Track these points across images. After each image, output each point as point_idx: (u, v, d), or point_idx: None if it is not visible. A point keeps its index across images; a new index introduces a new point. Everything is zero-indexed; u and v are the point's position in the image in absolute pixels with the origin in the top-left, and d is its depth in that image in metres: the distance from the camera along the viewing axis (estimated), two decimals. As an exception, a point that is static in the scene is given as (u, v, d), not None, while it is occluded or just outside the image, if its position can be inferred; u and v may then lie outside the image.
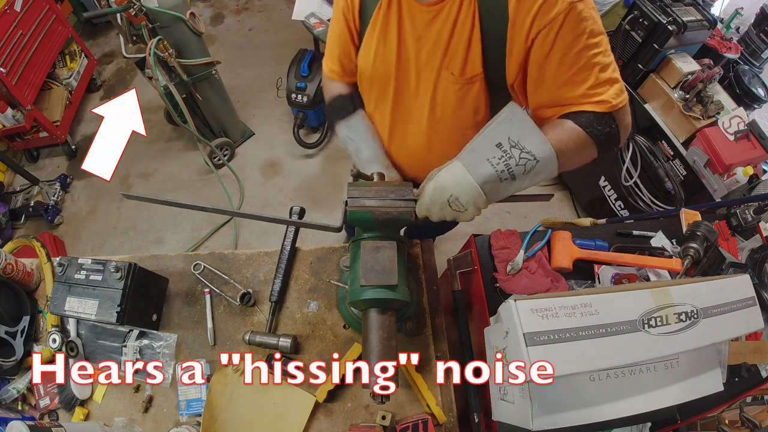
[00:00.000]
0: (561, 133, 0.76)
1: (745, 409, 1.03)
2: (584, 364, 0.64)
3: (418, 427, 0.88)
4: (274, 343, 1.02)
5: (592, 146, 0.79)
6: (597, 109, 0.77)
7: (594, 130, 0.77)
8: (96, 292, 0.96)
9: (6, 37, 2.21)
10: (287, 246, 1.14)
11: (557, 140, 0.73)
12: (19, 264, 1.08)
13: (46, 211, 2.41)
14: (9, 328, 1.03)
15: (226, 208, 0.85)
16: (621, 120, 0.80)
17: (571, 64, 0.75)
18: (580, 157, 0.80)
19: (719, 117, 1.67)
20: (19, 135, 2.52)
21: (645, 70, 1.78)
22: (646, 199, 1.93)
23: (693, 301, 0.72)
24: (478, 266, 1.13)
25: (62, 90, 2.68)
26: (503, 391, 0.83)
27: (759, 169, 1.63)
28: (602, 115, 0.78)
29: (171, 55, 2.03)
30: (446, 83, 0.87)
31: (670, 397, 0.78)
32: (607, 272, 1.10)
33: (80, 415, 1.00)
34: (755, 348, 0.98)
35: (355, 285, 0.83)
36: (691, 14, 1.68)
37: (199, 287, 1.13)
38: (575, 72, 0.76)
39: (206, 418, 0.96)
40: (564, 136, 0.76)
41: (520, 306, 0.67)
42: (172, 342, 1.06)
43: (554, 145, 0.71)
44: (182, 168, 2.72)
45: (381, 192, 0.85)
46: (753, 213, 1.20)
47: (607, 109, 0.77)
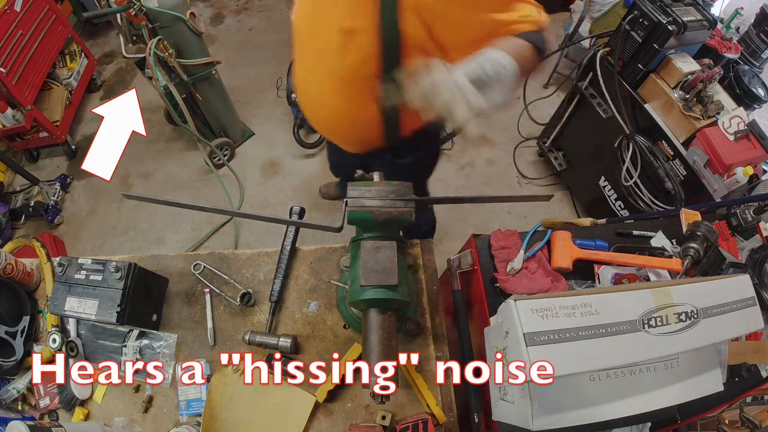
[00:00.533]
0: (512, 45, 0.87)
1: (745, 409, 1.03)
2: (584, 364, 0.64)
3: (418, 427, 0.88)
4: (274, 343, 1.02)
5: (536, 52, 0.91)
6: (530, 28, 0.91)
7: (536, 39, 0.91)
8: (96, 292, 0.96)
9: (6, 37, 2.21)
10: (287, 246, 1.14)
11: (513, 51, 0.84)
12: (19, 264, 1.08)
13: (46, 211, 2.41)
14: (9, 328, 1.03)
15: (226, 208, 0.85)
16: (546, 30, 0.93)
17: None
18: (527, 61, 0.89)
19: (719, 117, 1.66)
20: (19, 135, 2.52)
21: (645, 70, 1.78)
22: (646, 199, 1.93)
23: (693, 301, 0.72)
24: (478, 266, 1.13)
25: (62, 90, 2.68)
26: (503, 391, 0.83)
27: (759, 169, 1.63)
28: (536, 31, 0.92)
29: (171, 55, 2.03)
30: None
31: (670, 397, 0.78)
32: (607, 272, 1.10)
33: (80, 415, 1.00)
34: (755, 348, 0.98)
35: (355, 285, 0.83)
36: (691, 14, 1.68)
37: (199, 287, 1.13)
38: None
39: (206, 418, 0.96)
40: (516, 47, 0.87)
41: (520, 306, 0.67)
42: (172, 342, 1.06)
43: (512, 55, 0.83)
44: (182, 168, 2.72)
45: (381, 192, 0.85)
46: (753, 213, 1.20)
47: (540, 25, 0.92)
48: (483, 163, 2.76)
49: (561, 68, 3.00)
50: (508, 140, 2.85)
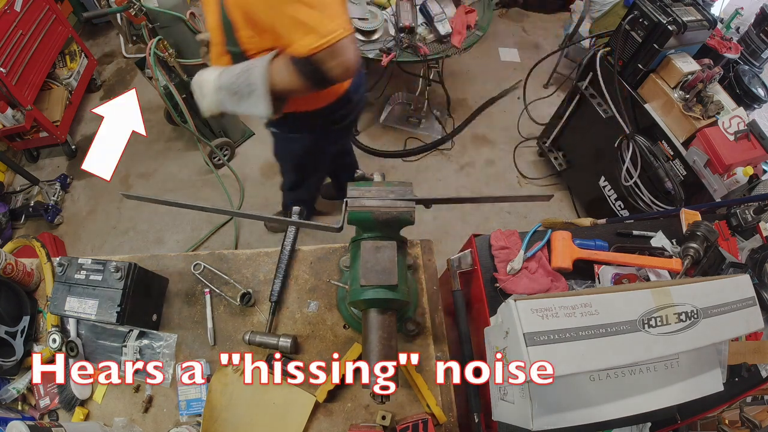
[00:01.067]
0: (281, 65, 0.98)
1: (745, 409, 1.03)
2: (584, 364, 0.64)
3: (418, 427, 0.88)
4: (274, 343, 1.02)
5: (301, 79, 0.97)
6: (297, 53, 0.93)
7: (302, 67, 0.95)
8: (96, 292, 0.96)
9: (6, 37, 2.21)
10: (287, 246, 1.14)
11: (277, 71, 0.97)
12: (19, 264, 1.08)
13: (46, 211, 2.41)
14: (9, 328, 1.03)
15: (226, 208, 0.85)
16: (322, 62, 0.92)
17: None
18: (292, 85, 0.99)
19: (719, 117, 1.67)
20: (19, 135, 2.51)
21: (645, 70, 1.78)
22: (646, 199, 1.93)
23: (693, 301, 0.72)
24: (478, 266, 1.13)
25: (62, 90, 2.67)
26: (503, 391, 0.83)
27: (759, 169, 1.63)
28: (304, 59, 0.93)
29: (171, 55, 2.03)
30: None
31: (670, 397, 0.78)
32: (607, 272, 1.10)
33: (80, 415, 1.00)
34: (755, 348, 0.98)
35: (355, 285, 0.83)
36: (691, 14, 1.68)
37: (199, 287, 1.13)
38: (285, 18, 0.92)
39: (206, 418, 0.96)
40: (282, 69, 0.97)
41: (520, 306, 0.67)
42: (172, 342, 1.06)
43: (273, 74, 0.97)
44: (182, 168, 2.71)
45: (381, 192, 0.85)
46: (753, 213, 1.20)
47: (305, 54, 0.91)
48: (483, 163, 2.76)
49: (561, 68, 3.00)
50: (508, 140, 2.85)
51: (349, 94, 1.32)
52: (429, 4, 2.09)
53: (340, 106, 1.32)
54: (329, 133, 1.42)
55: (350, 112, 1.40)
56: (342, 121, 1.39)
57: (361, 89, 1.40)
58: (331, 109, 1.30)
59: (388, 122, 2.87)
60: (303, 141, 1.43)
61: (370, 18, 2.05)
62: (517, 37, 3.47)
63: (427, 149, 2.76)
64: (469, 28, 2.16)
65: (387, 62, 1.99)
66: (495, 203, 2.55)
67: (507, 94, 3.08)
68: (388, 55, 2.00)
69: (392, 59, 2.00)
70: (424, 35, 2.11)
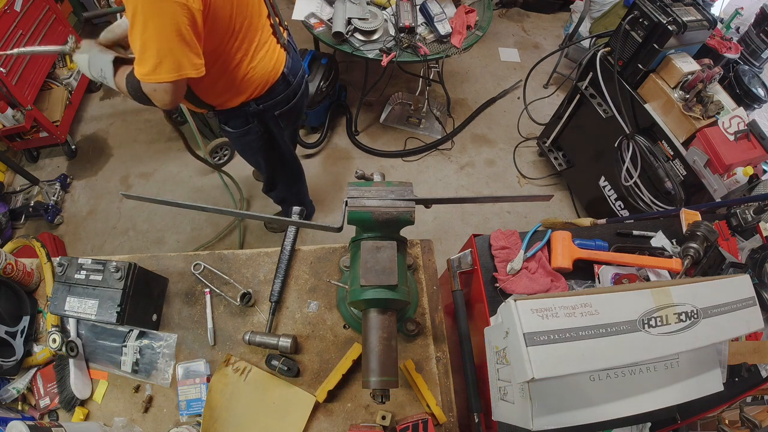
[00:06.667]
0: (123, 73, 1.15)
1: (745, 409, 1.03)
2: (584, 364, 0.64)
3: (418, 427, 0.88)
4: (274, 343, 1.02)
5: (128, 90, 1.15)
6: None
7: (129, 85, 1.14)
8: (96, 292, 0.96)
9: (6, 37, 2.21)
10: (287, 246, 1.14)
11: (120, 78, 1.16)
12: (19, 264, 1.08)
13: (46, 211, 2.41)
14: (9, 328, 1.03)
15: (226, 208, 0.85)
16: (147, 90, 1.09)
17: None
18: (122, 89, 1.17)
19: (719, 117, 1.67)
20: (19, 135, 2.51)
21: (645, 70, 1.78)
22: (646, 199, 1.93)
23: (693, 301, 0.72)
24: (478, 266, 1.13)
25: (62, 90, 2.67)
26: (503, 391, 0.83)
27: (759, 169, 1.63)
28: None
29: (171, 55, 2.03)
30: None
31: (670, 397, 0.78)
32: (607, 272, 1.10)
33: (80, 415, 1.00)
34: (755, 348, 0.98)
35: (355, 285, 0.83)
36: (691, 14, 1.68)
37: (199, 287, 1.13)
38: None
39: (206, 418, 0.96)
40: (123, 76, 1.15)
41: (520, 306, 0.67)
42: (172, 342, 1.06)
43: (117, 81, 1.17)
44: (182, 168, 2.71)
45: (381, 192, 0.85)
46: (753, 213, 1.20)
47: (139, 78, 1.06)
48: (483, 163, 2.77)
49: (561, 68, 3.00)
50: (508, 140, 2.85)
51: (285, 76, 1.38)
52: (429, 4, 2.09)
53: (276, 92, 1.38)
54: (275, 119, 1.46)
55: (292, 96, 1.45)
56: (284, 104, 1.44)
57: (298, 72, 1.45)
58: (268, 96, 1.37)
59: (388, 122, 2.87)
60: (254, 133, 1.47)
61: (370, 18, 2.05)
62: (517, 37, 3.48)
63: (427, 149, 2.76)
64: (469, 28, 2.16)
65: (387, 62, 2.00)
66: (495, 203, 2.55)
67: (507, 94, 3.08)
68: (388, 55, 2.00)
69: (392, 59, 2.00)
70: (424, 35, 2.12)
